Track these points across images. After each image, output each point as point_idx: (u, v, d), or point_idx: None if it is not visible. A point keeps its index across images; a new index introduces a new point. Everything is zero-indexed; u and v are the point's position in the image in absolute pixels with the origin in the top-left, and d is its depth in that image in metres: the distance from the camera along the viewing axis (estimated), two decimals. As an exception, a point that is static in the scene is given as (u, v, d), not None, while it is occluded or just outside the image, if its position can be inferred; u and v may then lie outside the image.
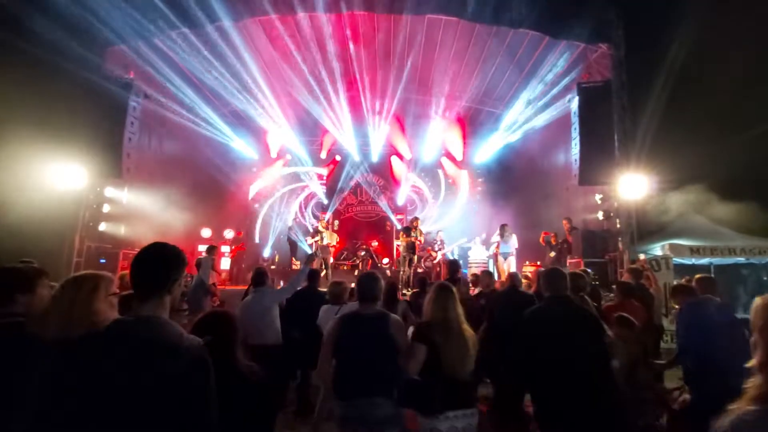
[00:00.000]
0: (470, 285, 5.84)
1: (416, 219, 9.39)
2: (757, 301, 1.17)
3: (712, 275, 4.80)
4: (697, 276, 3.53)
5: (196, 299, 5.14)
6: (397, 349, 2.31)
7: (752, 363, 1.11)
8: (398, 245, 10.07)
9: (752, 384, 1.07)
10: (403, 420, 2.37)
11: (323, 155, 13.60)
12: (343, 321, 2.39)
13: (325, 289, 4.42)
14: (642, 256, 7.38)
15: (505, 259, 8.85)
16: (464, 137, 13.40)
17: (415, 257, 9.16)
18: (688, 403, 2.92)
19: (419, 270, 10.70)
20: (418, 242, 9.04)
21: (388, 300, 3.96)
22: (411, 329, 2.67)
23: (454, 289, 2.58)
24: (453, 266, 5.35)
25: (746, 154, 7.24)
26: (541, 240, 9.44)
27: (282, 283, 7.40)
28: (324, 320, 3.87)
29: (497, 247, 8.96)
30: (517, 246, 9.00)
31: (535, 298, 4.41)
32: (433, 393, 2.24)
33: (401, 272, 9.07)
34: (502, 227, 8.97)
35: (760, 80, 6.83)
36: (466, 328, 2.47)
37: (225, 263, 10.61)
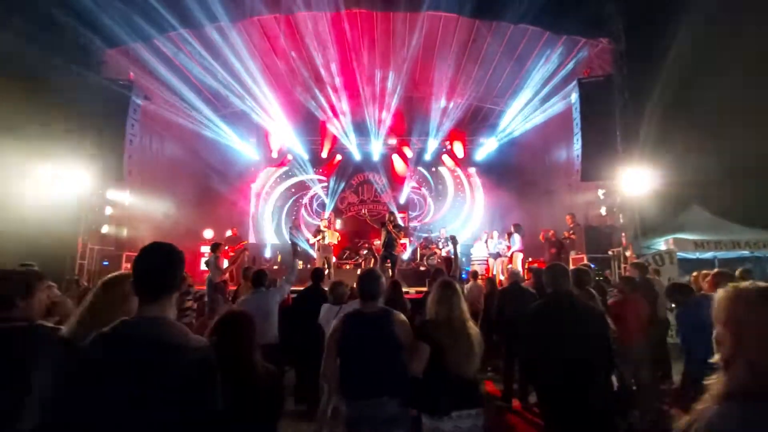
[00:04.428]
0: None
1: (392, 214, 8.74)
2: (720, 293, 1.10)
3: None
4: (715, 270, 3.49)
5: (212, 299, 5.34)
6: (402, 347, 2.26)
7: (717, 359, 1.05)
8: (377, 244, 9.76)
9: (717, 381, 1.01)
10: (409, 419, 2.34)
11: (324, 154, 13.59)
12: (345, 320, 2.36)
13: (327, 288, 4.43)
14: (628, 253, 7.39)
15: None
16: (466, 134, 13.38)
17: (398, 255, 8.59)
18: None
19: (422, 268, 10.70)
20: (396, 238, 8.36)
21: (391, 299, 3.95)
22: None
23: (458, 286, 2.53)
24: (448, 264, 5.36)
25: (750, 146, 7.19)
26: (540, 237, 9.43)
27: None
28: (325, 319, 3.86)
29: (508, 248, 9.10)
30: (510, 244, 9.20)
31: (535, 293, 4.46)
32: (438, 393, 2.20)
33: None
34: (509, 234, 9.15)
35: (764, 71, 6.77)
36: (471, 325, 2.41)
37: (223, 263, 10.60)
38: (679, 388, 3.02)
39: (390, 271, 8.13)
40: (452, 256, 7.97)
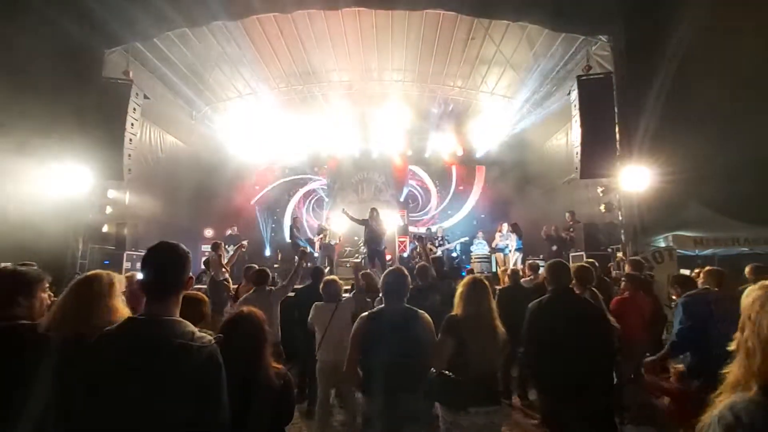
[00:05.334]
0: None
1: (374, 209, 8.41)
2: (752, 289, 1.09)
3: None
4: (707, 268, 3.52)
5: (215, 299, 5.37)
6: (424, 345, 2.29)
7: (733, 346, 1.04)
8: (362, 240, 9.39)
9: (734, 370, 1.01)
10: (429, 415, 2.36)
11: (324, 153, 13.56)
12: (369, 319, 2.37)
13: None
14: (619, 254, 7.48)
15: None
16: (465, 131, 13.35)
17: (384, 250, 8.34)
18: (685, 370, 2.92)
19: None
20: (382, 234, 8.23)
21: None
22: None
23: (488, 284, 2.55)
24: (439, 263, 5.47)
25: (749, 143, 7.18)
26: (542, 234, 9.44)
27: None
28: (315, 318, 3.85)
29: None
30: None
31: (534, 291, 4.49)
32: (458, 388, 2.23)
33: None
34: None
35: (764, 69, 6.76)
36: (498, 324, 2.42)
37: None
38: (655, 363, 3.07)
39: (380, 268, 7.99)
40: (441, 256, 7.98)
